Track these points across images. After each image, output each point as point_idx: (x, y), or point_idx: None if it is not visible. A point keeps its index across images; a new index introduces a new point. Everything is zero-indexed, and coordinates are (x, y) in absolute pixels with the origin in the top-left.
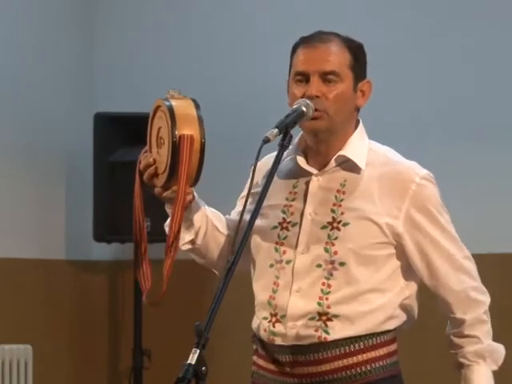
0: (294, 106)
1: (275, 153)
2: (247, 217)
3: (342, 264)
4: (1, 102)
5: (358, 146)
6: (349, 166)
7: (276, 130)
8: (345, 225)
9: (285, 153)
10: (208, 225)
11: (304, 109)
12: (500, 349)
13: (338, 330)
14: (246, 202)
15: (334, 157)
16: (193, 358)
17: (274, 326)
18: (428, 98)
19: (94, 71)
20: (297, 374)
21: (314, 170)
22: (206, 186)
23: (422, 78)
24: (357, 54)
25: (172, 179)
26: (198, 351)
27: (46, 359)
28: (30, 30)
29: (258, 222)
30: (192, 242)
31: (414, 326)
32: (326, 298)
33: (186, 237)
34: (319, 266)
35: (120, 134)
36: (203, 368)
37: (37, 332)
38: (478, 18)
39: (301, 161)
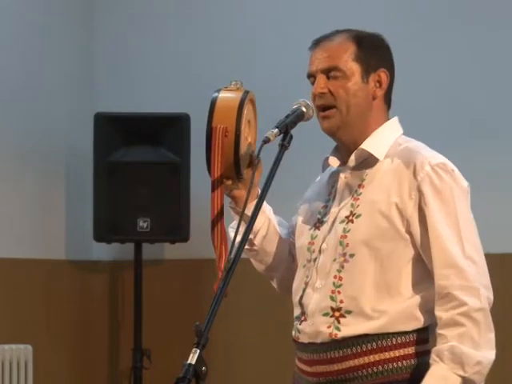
0: (294, 107)
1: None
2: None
3: (351, 255)
4: (0, 102)
5: (382, 138)
6: (370, 159)
7: (276, 129)
8: (358, 217)
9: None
10: (269, 229)
11: (304, 109)
12: (474, 355)
13: (349, 327)
14: (245, 205)
15: (355, 151)
16: (193, 358)
17: (300, 324)
18: (428, 95)
19: (93, 71)
20: (314, 372)
21: (342, 168)
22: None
23: (424, 76)
24: (365, 44)
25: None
26: (198, 351)
27: (46, 359)
28: (30, 30)
29: (300, 226)
30: (250, 242)
31: None
32: (338, 292)
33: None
34: (335, 259)
35: (120, 134)
36: (203, 368)
37: (37, 332)
38: (479, 18)
39: (332, 161)
